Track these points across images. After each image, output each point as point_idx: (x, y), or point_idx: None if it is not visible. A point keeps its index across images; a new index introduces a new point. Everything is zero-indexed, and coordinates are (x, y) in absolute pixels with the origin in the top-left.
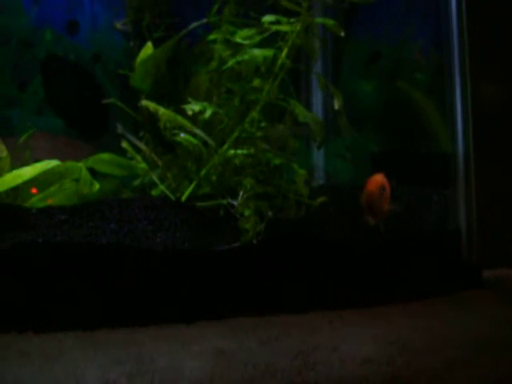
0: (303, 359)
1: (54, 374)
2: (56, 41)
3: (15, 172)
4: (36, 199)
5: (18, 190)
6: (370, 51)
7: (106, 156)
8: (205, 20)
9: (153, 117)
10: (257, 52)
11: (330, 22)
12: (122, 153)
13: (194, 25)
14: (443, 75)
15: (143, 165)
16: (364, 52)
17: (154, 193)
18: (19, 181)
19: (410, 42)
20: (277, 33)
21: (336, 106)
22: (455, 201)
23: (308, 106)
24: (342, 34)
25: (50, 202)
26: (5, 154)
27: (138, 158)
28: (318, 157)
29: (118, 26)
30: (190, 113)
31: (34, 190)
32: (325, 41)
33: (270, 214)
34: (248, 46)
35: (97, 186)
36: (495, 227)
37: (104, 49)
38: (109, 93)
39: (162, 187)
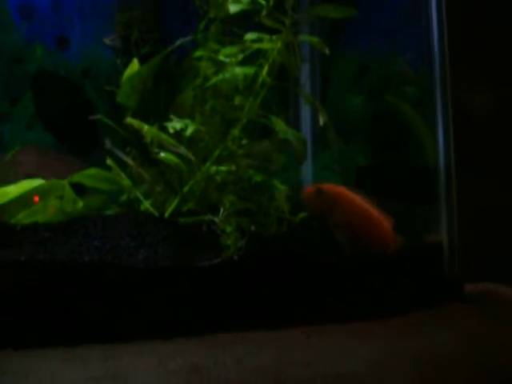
0: (274, 376)
1: None
2: (46, 56)
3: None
4: (22, 216)
5: (4, 206)
6: (358, 65)
7: (92, 171)
8: (189, 38)
9: (139, 133)
10: (238, 70)
11: (314, 39)
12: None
13: (180, 41)
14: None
15: (127, 181)
16: (352, 66)
17: (141, 208)
18: (3, 199)
19: (398, 55)
20: (260, 50)
21: (321, 123)
22: (437, 214)
23: (296, 119)
24: (327, 51)
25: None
26: None
27: (123, 175)
28: (307, 170)
29: (107, 41)
30: (171, 130)
31: (36, 198)
32: (312, 57)
33: (252, 229)
34: (230, 64)
35: (80, 203)
36: (478, 241)
37: (94, 64)
38: (98, 108)
39: (146, 204)
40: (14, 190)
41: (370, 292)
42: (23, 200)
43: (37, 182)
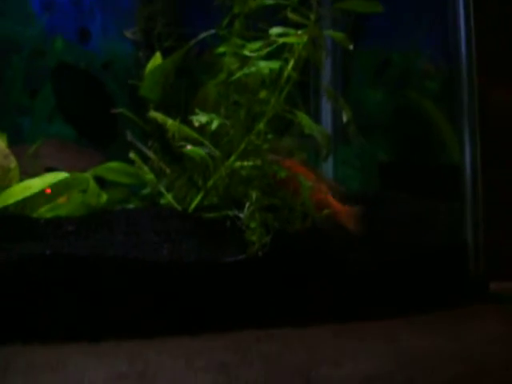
0: (305, 375)
1: None
2: (67, 49)
3: (24, 184)
4: (44, 209)
5: (26, 199)
6: (380, 59)
7: (114, 164)
8: (213, 31)
9: (161, 126)
10: (263, 64)
11: (338, 34)
12: (131, 161)
13: (203, 35)
14: (452, 84)
15: (150, 175)
16: (373, 60)
17: (162, 202)
18: (28, 193)
19: (419, 50)
20: (285, 45)
21: (344, 119)
22: (463, 212)
23: (318, 113)
24: (351, 47)
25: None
26: (13, 164)
27: (146, 168)
28: (327, 165)
29: (128, 34)
30: (196, 124)
31: (48, 191)
32: (334, 50)
33: (276, 225)
34: (255, 59)
35: (104, 197)
36: (503, 239)
37: (114, 57)
38: (119, 101)
39: (169, 198)
40: (37, 183)
41: (394, 290)
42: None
43: (61, 176)
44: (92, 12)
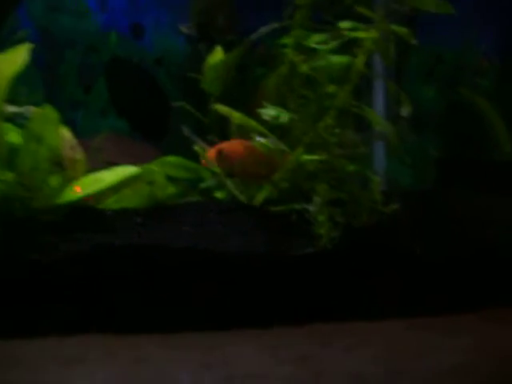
0: (389, 367)
1: (145, 376)
2: (121, 44)
3: (94, 176)
4: (111, 201)
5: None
6: (432, 56)
7: (172, 159)
8: (276, 25)
9: (221, 120)
10: (334, 58)
11: (402, 29)
12: (186, 155)
13: (265, 29)
14: (507, 80)
15: (216, 168)
16: (425, 57)
17: (219, 195)
18: (100, 186)
19: (472, 46)
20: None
21: (404, 113)
22: None
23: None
24: (414, 41)
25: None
26: (80, 156)
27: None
28: (379, 162)
29: (184, 29)
30: (266, 117)
31: (77, 188)
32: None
33: (342, 219)
34: (323, 52)
35: (171, 189)
36: None
37: (167, 52)
38: (171, 95)
39: (235, 191)
40: (109, 176)
41: (461, 285)
42: (115, 187)
43: (131, 170)
44: (146, 7)
